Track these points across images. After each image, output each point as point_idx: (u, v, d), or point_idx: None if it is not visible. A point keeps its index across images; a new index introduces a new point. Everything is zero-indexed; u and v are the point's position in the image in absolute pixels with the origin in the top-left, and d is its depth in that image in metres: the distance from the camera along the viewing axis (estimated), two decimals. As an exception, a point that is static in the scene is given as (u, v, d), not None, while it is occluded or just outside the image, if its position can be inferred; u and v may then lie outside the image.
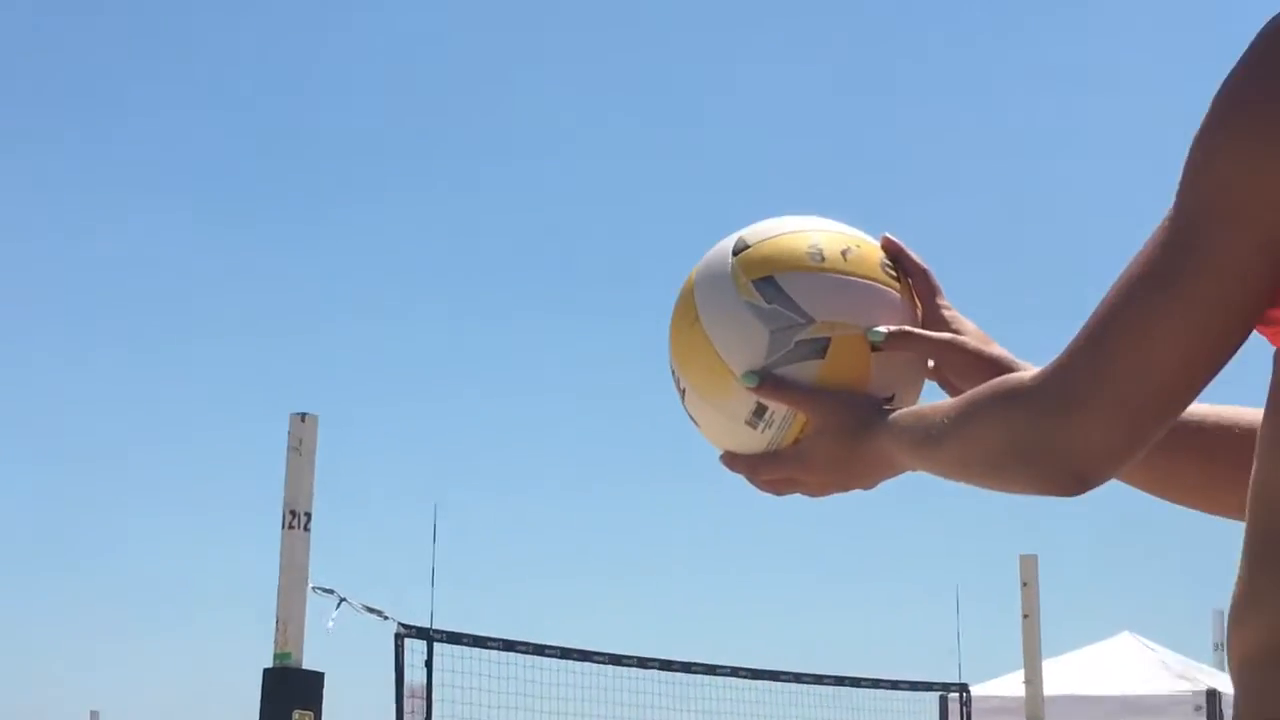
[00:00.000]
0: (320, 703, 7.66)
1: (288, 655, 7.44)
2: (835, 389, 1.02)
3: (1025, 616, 11.73)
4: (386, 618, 9.94)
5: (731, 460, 1.09)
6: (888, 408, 1.02)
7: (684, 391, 1.09)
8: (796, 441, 1.04)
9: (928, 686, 12.64)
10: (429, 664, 10.64)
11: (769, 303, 1.02)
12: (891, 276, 1.07)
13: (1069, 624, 16.08)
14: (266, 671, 7.42)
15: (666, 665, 11.65)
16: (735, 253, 1.05)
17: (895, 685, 11.99)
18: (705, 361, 1.05)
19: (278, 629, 7.59)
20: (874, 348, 1.03)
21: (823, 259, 1.04)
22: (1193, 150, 0.79)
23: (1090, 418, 0.81)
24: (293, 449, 7.64)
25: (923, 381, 1.09)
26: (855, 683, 11.67)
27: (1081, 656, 14.98)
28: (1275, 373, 0.81)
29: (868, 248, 1.08)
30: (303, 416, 7.33)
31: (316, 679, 7.82)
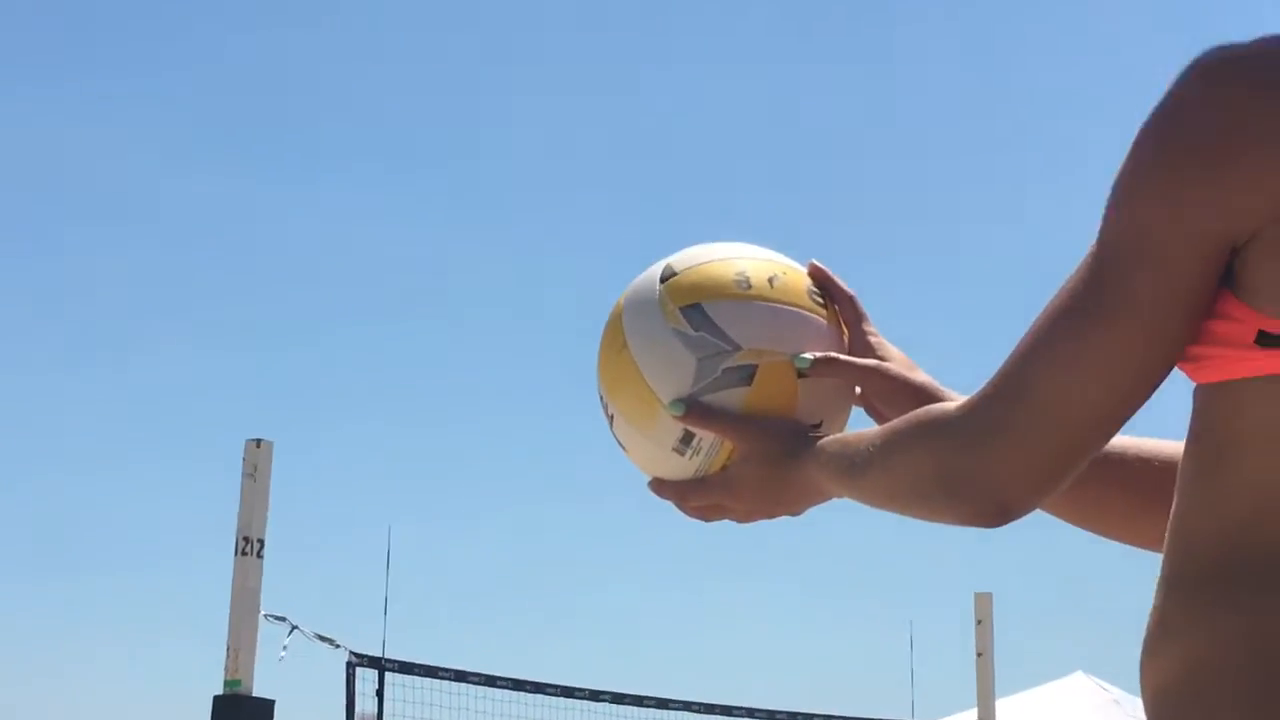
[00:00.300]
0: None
1: (238, 683, 7.38)
2: (762, 416, 1.02)
3: (979, 654, 11.76)
4: (338, 646, 9.79)
5: (660, 486, 1.09)
6: (815, 435, 1.02)
7: (612, 418, 1.09)
8: (724, 468, 1.04)
9: None
10: (380, 693, 10.53)
11: (696, 330, 1.01)
12: (818, 303, 1.07)
13: (1024, 662, 16.20)
14: (216, 699, 7.34)
15: (619, 699, 11.63)
16: (663, 279, 1.05)
17: None
18: (633, 388, 1.04)
19: (229, 656, 7.51)
20: (800, 374, 1.03)
21: (749, 286, 1.04)
22: (1114, 190, 0.79)
23: (1013, 449, 0.81)
24: (247, 475, 7.57)
25: (850, 408, 1.09)
26: (808, 718, 11.67)
27: (1035, 695, 15.12)
28: (1195, 408, 0.81)
29: (794, 275, 1.08)
30: (258, 443, 7.27)
31: (267, 706, 7.74)
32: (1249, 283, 0.75)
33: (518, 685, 11.48)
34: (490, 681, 11.22)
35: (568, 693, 11.37)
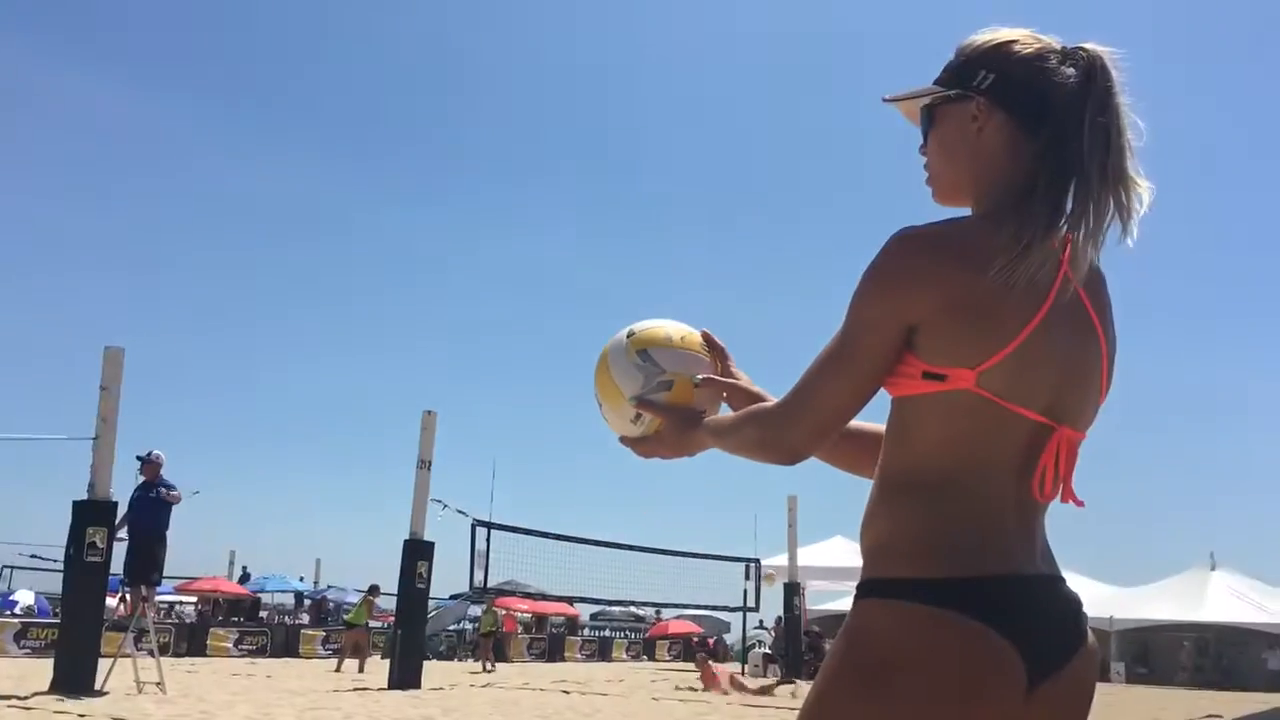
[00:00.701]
0: (432, 560, 16.61)
1: (416, 533, 16.46)
2: (675, 407, 1.80)
3: (790, 525, 21.95)
4: (466, 514, 19.12)
5: (623, 441, 1.86)
6: (702, 417, 1.76)
7: (600, 405, 1.88)
8: (656, 431, 1.81)
9: (737, 559, 22.95)
10: (488, 540, 20.17)
11: (644, 362, 1.82)
12: (705, 350, 1.86)
13: (814, 531, 25.94)
14: (406, 542, 16.43)
15: (629, 546, 22.66)
16: (628, 336, 1.85)
17: (720, 558, 21.86)
18: (612, 391, 1.84)
19: (412, 518, 16.74)
20: (695, 386, 1.81)
21: (670, 341, 1.84)
22: (852, 296, 1.47)
23: (799, 424, 1.51)
24: (425, 429, 16.89)
25: (720, 404, 1.83)
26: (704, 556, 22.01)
27: (821, 546, 25.83)
28: (893, 406, 1.49)
29: (694, 335, 1.88)
30: (429, 412, 16.25)
31: (429, 547, 16.93)
32: (919, 346, 1.44)
33: (564, 538, 21.81)
34: (544, 535, 21.44)
35: (602, 544, 22.25)
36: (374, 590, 21.13)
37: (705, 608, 29.17)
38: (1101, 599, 34.12)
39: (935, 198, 1.62)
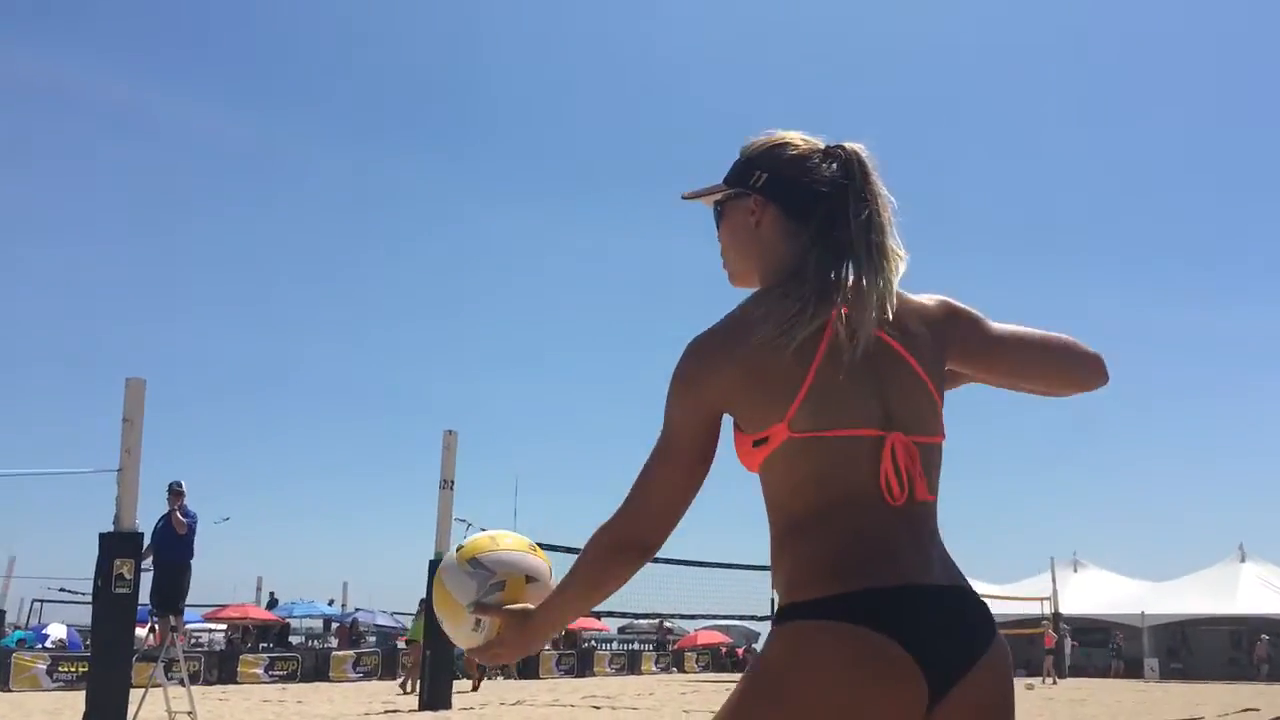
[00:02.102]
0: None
1: (440, 553, 16.51)
2: (509, 603, 1.87)
3: None
4: (485, 529, 20.05)
5: (469, 654, 1.94)
6: (535, 611, 1.84)
7: (443, 623, 1.95)
8: (498, 634, 1.85)
9: (761, 568, 22.74)
10: None
11: (474, 569, 1.91)
12: (531, 549, 1.98)
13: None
14: (431, 562, 16.50)
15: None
16: (457, 550, 1.98)
17: (745, 567, 21.65)
18: (450, 604, 1.92)
19: (437, 539, 16.86)
20: (528, 579, 1.92)
21: (496, 545, 1.96)
22: (666, 397, 1.69)
23: (644, 520, 1.70)
24: (446, 448, 17.04)
25: (546, 593, 1.91)
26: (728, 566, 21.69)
27: None
28: (762, 483, 1.66)
29: (517, 538, 2.00)
30: (450, 431, 16.35)
31: None
32: (740, 424, 1.66)
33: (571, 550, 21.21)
34: (573, 550, 21.55)
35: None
36: (423, 604, 20.85)
37: (732, 617, 29.11)
38: (1132, 595, 33.91)
39: (730, 281, 1.84)
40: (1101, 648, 33.71)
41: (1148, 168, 71.99)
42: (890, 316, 1.65)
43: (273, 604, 33.23)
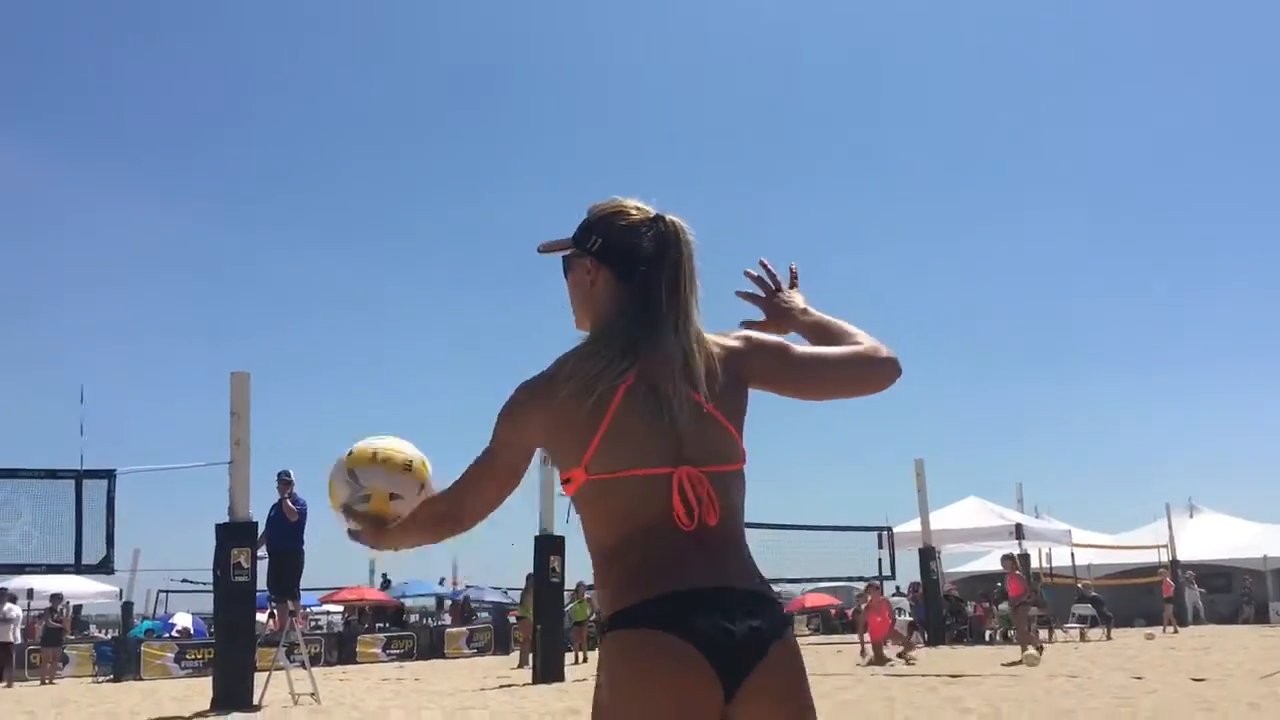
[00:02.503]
0: (563, 554, 16.82)
1: (546, 528, 16.74)
2: (374, 513, 2.18)
3: (919, 490, 21.54)
4: None
5: (342, 509, 2.21)
6: (392, 526, 2.18)
7: (331, 503, 2.28)
8: (358, 528, 2.19)
9: (868, 528, 22.54)
10: None
11: (350, 479, 2.20)
12: (405, 468, 2.21)
13: (941, 492, 25.58)
14: (536, 538, 16.73)
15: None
16: (346, 454, 2.24)
17: (850, 528, 21.47)
18: (331, 496, 2.26)
19: (541, 515, 17.05)
20: (392, 496, 2.20)
21: (374, 460, 2.21)
22: (496, 421, 2.01)
23: (457, 512, 2.11)
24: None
25: (410, 506, 2.20)
26: (834, 528, 21.49)
27: (954, 508, 24.96)
28: (577, 508, 1.94)
29: (395, 456, 2.22)
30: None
31: (560, 541, 17.12)
32: (556, 464, 1.96)
33: None
34: None
35: None
36: (530, 578, 20.92)
37: (840, 579, 28.93)
38: (1252, 539, 32.85)
39: (576, 325, 2.09)
40: (1225, 593, 32.76)
41: None
42: (686, 371, 1.89)
43: (386, 585, 33.96)
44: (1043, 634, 23.08)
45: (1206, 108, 67.71)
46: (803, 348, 2.07)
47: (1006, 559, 19.14)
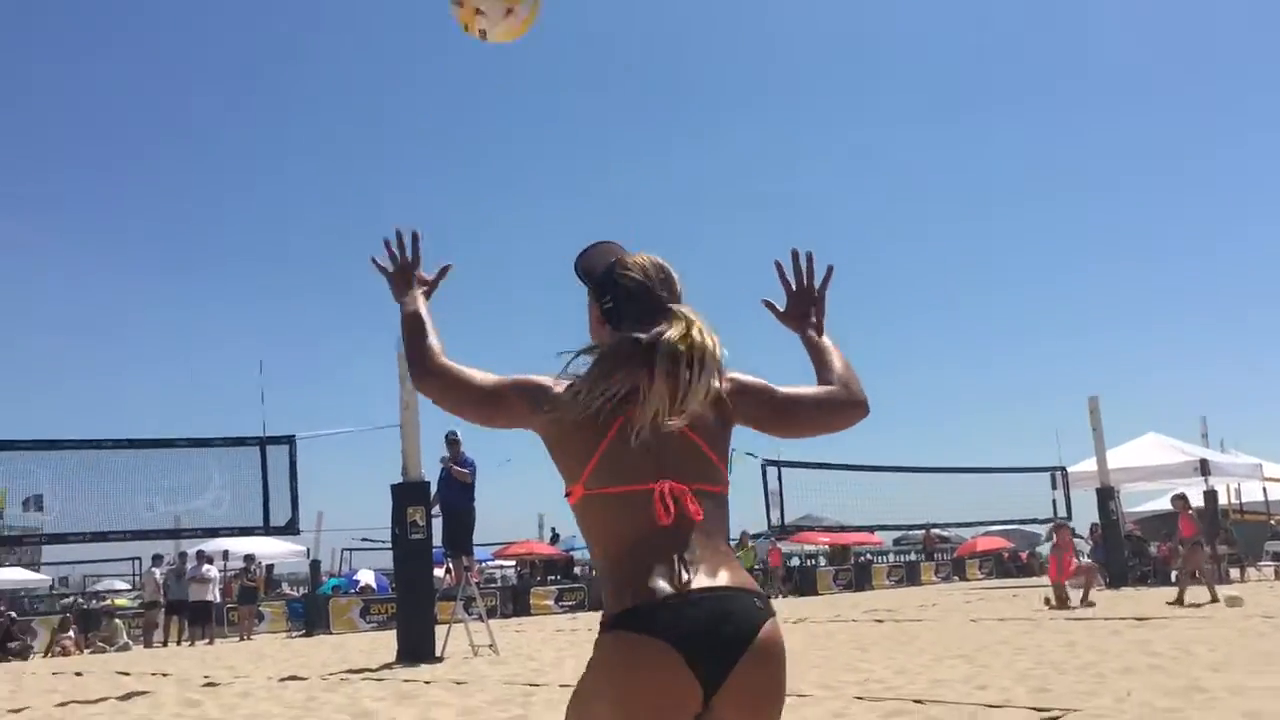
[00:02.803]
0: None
1: None
2: (461, 24, 2.71)
3: (1094, 429, 20.64)
4: (755, 456, 19.60)
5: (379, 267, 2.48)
6: (422, 297, 2.43)
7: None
8: (389, 270, 2.47)
9: (1041, 469, 21.70)
10: (779, 479, 20.43)
11: None
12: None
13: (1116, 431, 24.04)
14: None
15: (892, 469, 22.07)
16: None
17: (1023, 470, 20.70)
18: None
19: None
20: (478, 12, 2.56)
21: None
22: (523, 381, 2.13)
23: (435, 392, 2.21)
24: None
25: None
26: (1005, 470, 20.78)
27: (1132, 445, 23.71)
28: (578, 520, 2.08)
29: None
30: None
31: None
32: (556, 465, 2.11)
33: (857, 468, 21.52)
34: (825, 466, 21.22)
35: (898, 469, 21.56)
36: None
37: (1013, 522, 28.24)
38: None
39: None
40: None
41: None
42: (677, 408, 2.01)
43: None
44: (1234, 574, 22.05)
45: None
46: (784, 390, 2.25)
47: (1177, 499, 18.34)
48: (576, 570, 31.49)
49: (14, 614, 21.28)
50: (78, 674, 12.92)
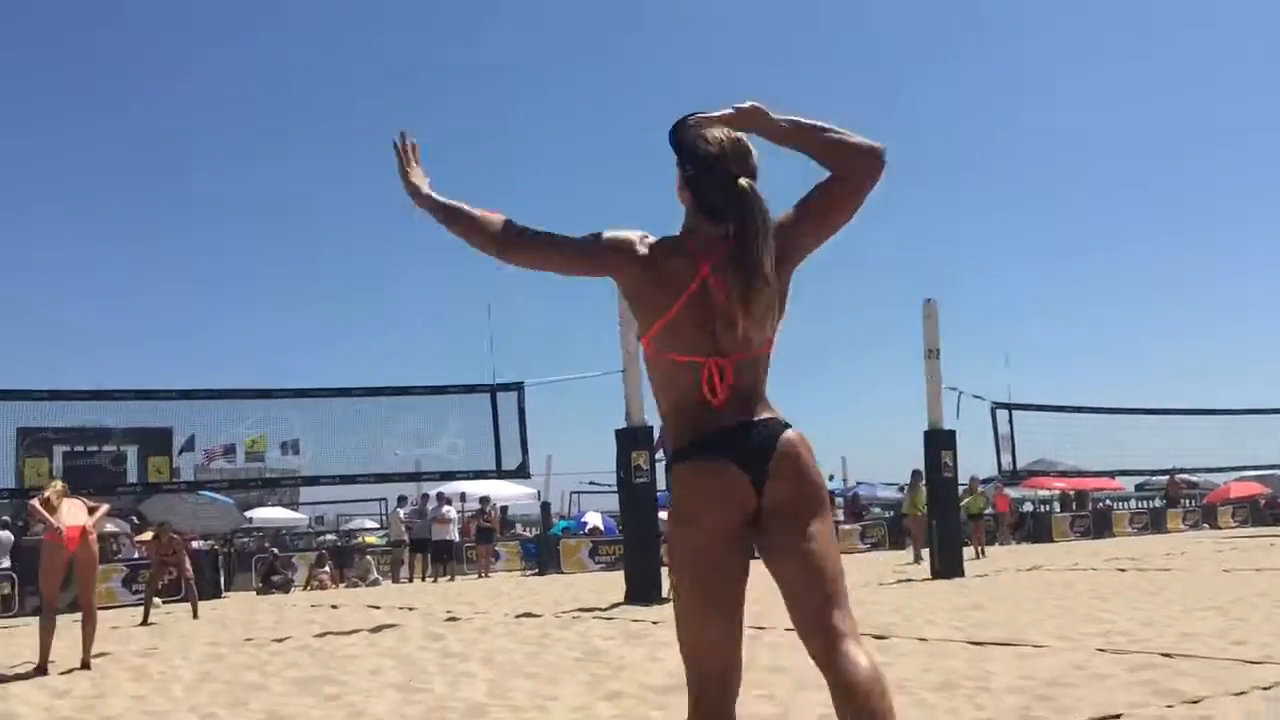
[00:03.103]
0: (955, 448, 16.36)
1: (936, 424, 16.36)
2: (410, 179, 2.66)
3: None
4: (984, 398, 18.93)
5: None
6: (442, 198, 2.59)
7: None
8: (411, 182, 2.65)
9: None
10: (1010, 423, 19.62)
11: None
12: None
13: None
14: (925, 433, 16.36)
15: (1134, 411, 20.74)
16: None
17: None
18: None
19: (929, 410, 16.65)
20: None
21: None
22: (606, 231, 2.45)
23: (513, 247, 2.48)
24: (927, 317, 16.76)
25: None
26: (1262, 411, 19.17)
27: None
28: (647, 366, 2.56)
29: None
30: (929, 300, 16.12)
31: (951, 435, 16.66)
32: (631, 310, 2.56)
33: (1095, 410, 20.43)
34: (1061, 409, 20.29)
35: (1140, 411, 20.31)
36: (918, 475, 20.43)
37: (1268, 467, 26.34)
38: None
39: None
40: None
41: None
42: (745, 279, 2.34)
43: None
44: None
45: None
46: (806, 195, 2.51)
47: None
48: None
49: (276, 550, 23.05)
50: (333, 606, 13.85)
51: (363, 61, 72.62)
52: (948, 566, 14.75)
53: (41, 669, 8.35)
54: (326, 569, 21.40)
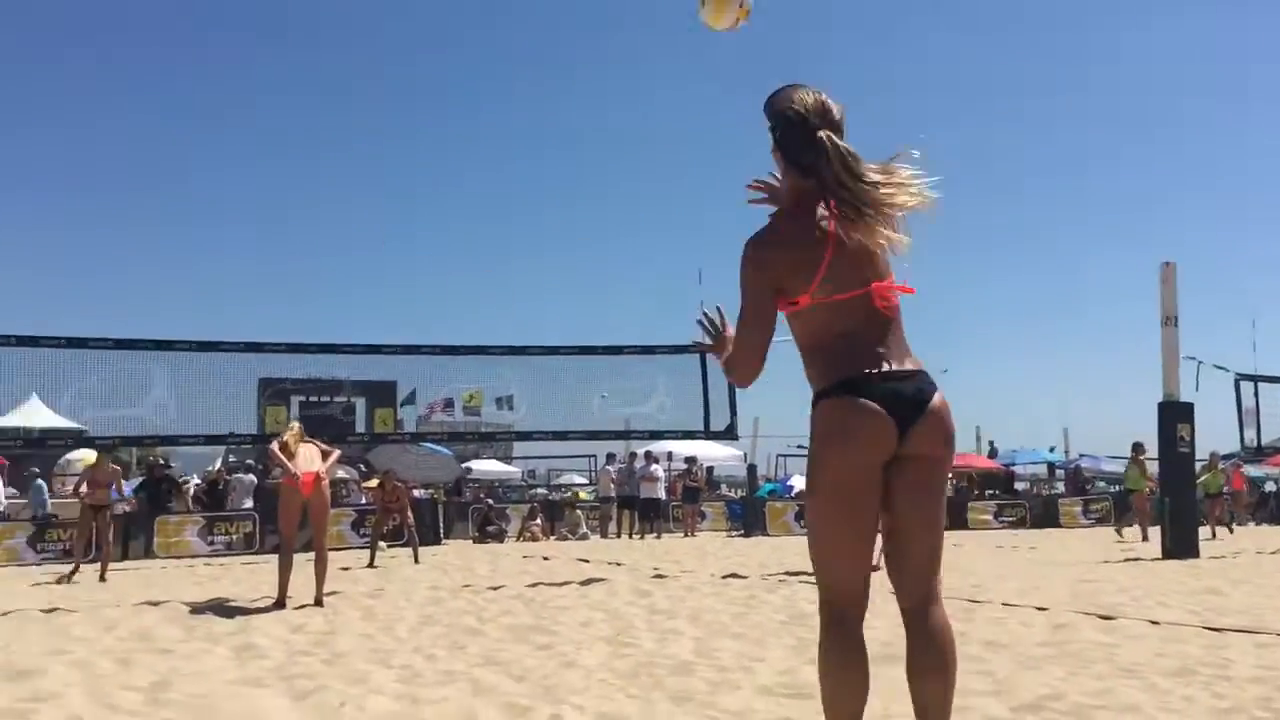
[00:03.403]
0: (1192, 421, 15.31)
1: (1173, 395, 15.35)
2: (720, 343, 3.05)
3: None
4: (1227, 370, 17.75)
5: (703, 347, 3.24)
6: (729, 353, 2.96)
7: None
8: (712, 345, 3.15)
9: None
10: (1256, 396, 18.28)
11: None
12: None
13: None
14: (1160, 405, 15.39)
15: None
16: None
17: None
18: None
19: (1165, 381, 15.62)
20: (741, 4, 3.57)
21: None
22: (741, 282, 2.76)
23: (743, 370, 2.88)
24: (1164, 282, 15.69)
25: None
26: None
27: None
28: (790, 323, 2.82)
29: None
30: (1167, 263, 15.16)
31: (1188, 408, 15.70)
32: (784, 292, 2.74)
33: None
34: None
35: None
36: (1138, 449, 19.30)
37: None
38: None
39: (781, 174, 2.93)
40: None
41: None
42: (849, 207, 2.64)
43: (993, 453, 33.54)
44: None
45: None
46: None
47: None
48: (1017, 486, 30.26)
49: (491, 501, 23.89)
50: (545, 558, 14.25)
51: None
52: (1180, 546, 13.88)
53: (280, 604, 8.91)
54: (538, 521, 22.05)
